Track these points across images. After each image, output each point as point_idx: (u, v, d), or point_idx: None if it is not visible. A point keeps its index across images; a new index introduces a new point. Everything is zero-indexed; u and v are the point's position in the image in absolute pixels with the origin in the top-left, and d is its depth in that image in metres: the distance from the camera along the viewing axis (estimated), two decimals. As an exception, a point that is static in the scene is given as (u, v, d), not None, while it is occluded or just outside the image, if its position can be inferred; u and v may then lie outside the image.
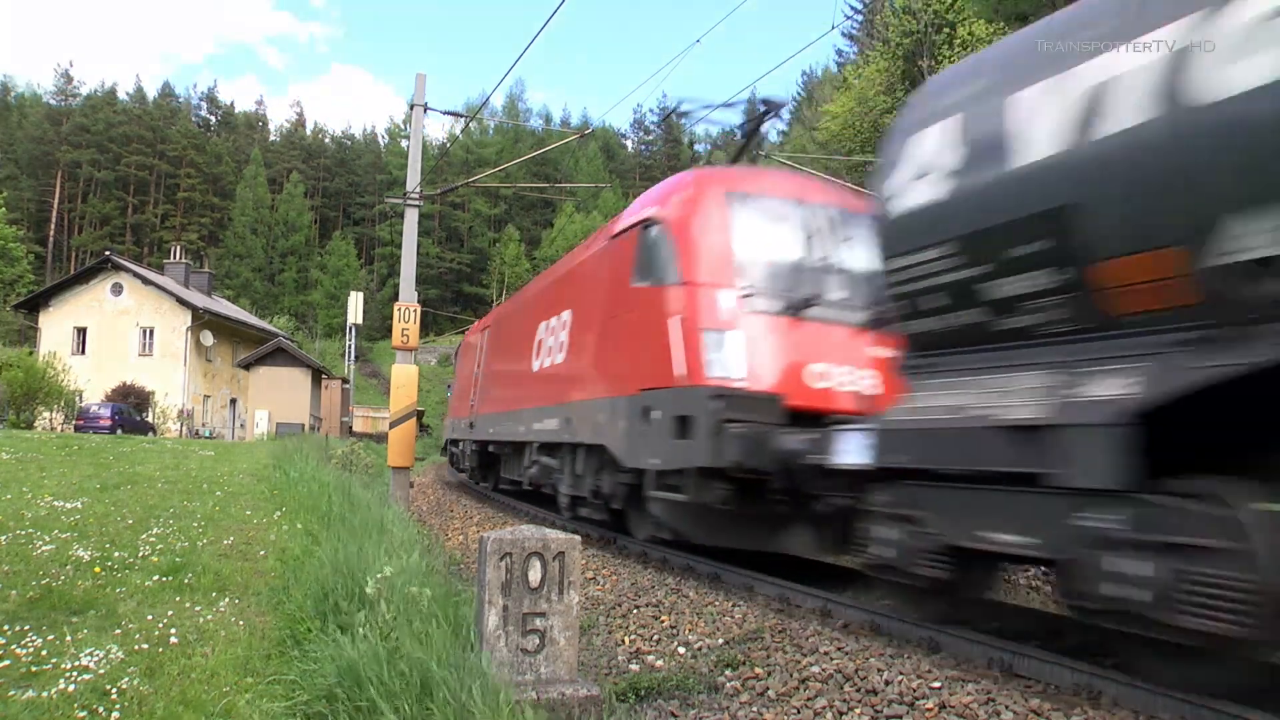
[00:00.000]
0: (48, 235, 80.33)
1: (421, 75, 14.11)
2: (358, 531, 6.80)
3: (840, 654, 5.02)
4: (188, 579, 5.82)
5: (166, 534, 7.34)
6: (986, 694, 4.18)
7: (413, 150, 14.45)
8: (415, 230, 13.89)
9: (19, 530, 6.89)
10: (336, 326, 71.29)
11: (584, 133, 45.13)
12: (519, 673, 3.88)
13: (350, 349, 48.77)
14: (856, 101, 28.16)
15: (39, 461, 12.63)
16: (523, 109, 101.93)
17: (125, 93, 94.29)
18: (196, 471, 13.16)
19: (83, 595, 5.17)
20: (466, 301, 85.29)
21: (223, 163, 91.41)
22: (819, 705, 4.44)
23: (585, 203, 79.61)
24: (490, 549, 3.95)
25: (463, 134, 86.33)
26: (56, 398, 30.56)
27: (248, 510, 9.23)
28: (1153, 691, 3.99)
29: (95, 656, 4.07)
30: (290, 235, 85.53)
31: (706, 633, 5.88)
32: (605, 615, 6.75)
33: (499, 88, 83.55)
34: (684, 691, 4.90)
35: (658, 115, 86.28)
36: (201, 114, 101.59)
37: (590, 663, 5.52)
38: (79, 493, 9.45)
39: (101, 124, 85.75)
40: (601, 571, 8.32)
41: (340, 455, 18.83)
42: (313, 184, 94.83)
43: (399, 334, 13.18)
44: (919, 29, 26.23)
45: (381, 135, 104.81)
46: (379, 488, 13.21)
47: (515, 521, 12.78)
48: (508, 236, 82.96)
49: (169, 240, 72.25)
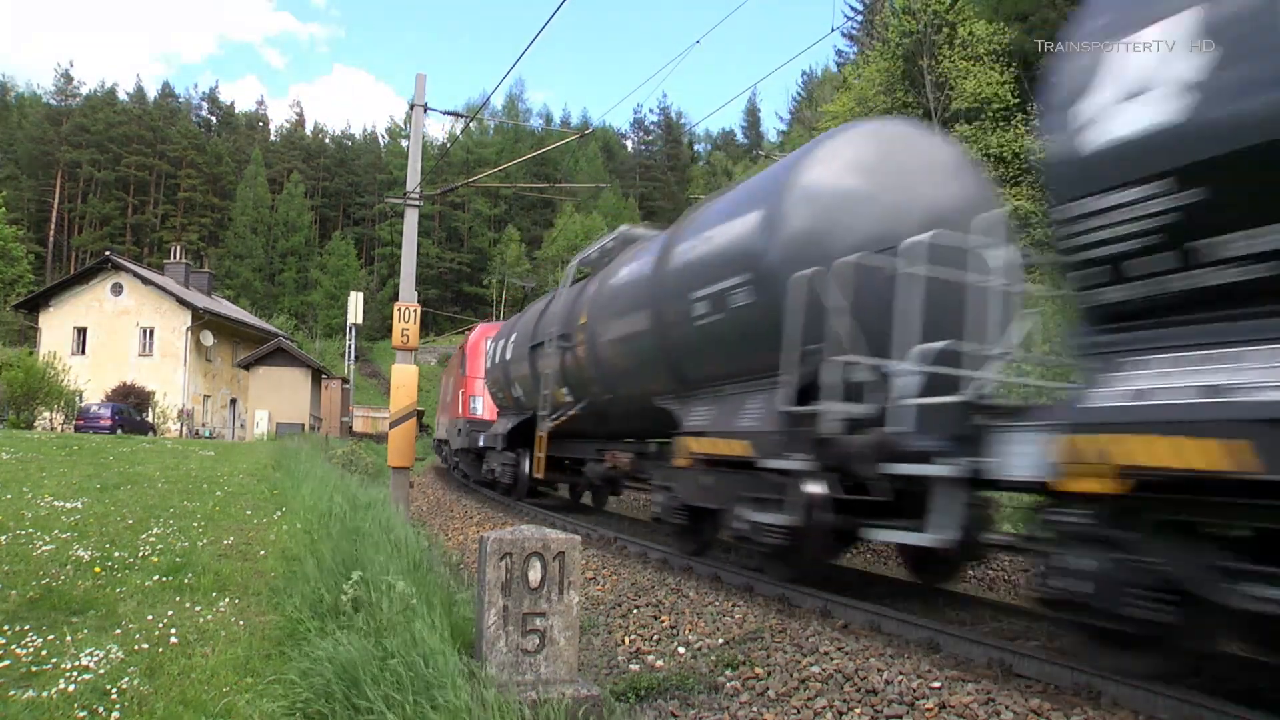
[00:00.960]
0: (48, 235, 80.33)
1: (421, 75, 14.11)
2: (357, 531, 6.80)
3: (840, 654, 5.02)
4: (188, 579, 5.82)
5: (166, 534, 7.34)
6: (986, 694, 4.18)
7: (413, 150, 14.45)
8: (415, 230, 13.89)
9: (19, 530, 6.89)
10: (336, 326, 71.29)
11: (584, 133, 45.16)
12: (519, 673, 3.88)
13: (350, 349, 48.75)
14: (856, 101, 28.11)
15: (39, 461, 12.63)
16: (523, 109, 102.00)
17: (125, 93, 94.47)
18: (196, 471, 13.17)
19: (83, 595, 5.17)
20: (466, 301, 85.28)
21: (223, 163, 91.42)
22: (819, 705, 4.44)
23: (585, 203, 79.60)
24: (490, 549, 3.95)
25: (463, 134, 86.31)
26: (56, 398, 30.55)
27: (248, 510, 9.24)
28: (1153, 691, 3.98)
29: (95, 656, 4.07)
30: (290, 235, 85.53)
31: (706, 633, 5.88)
32: (605, 615, 6.75)
33: (499, 88, 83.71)
34: (684, 691, 4.90)
35: (658, 115, 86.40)
36: (202, 114, 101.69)
37: (590, 663, 5.52)
38: (79, 493, 9.46)
39: (101, 124, 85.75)
40: (601, 571, 8.32)
41: (340, 455, 18.84)
42: (313, 184, 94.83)
43: (399, 334, 13.17)
44: (919, 29, 26.20)
45: (381, 135, 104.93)
46: (379, 488, 13.21)
47: (515, 521, 12.77)
48: (508, 237, 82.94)
49: (169, 240, 72.23)
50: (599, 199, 77.66)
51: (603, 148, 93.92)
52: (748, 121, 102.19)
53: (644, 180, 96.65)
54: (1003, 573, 8.64)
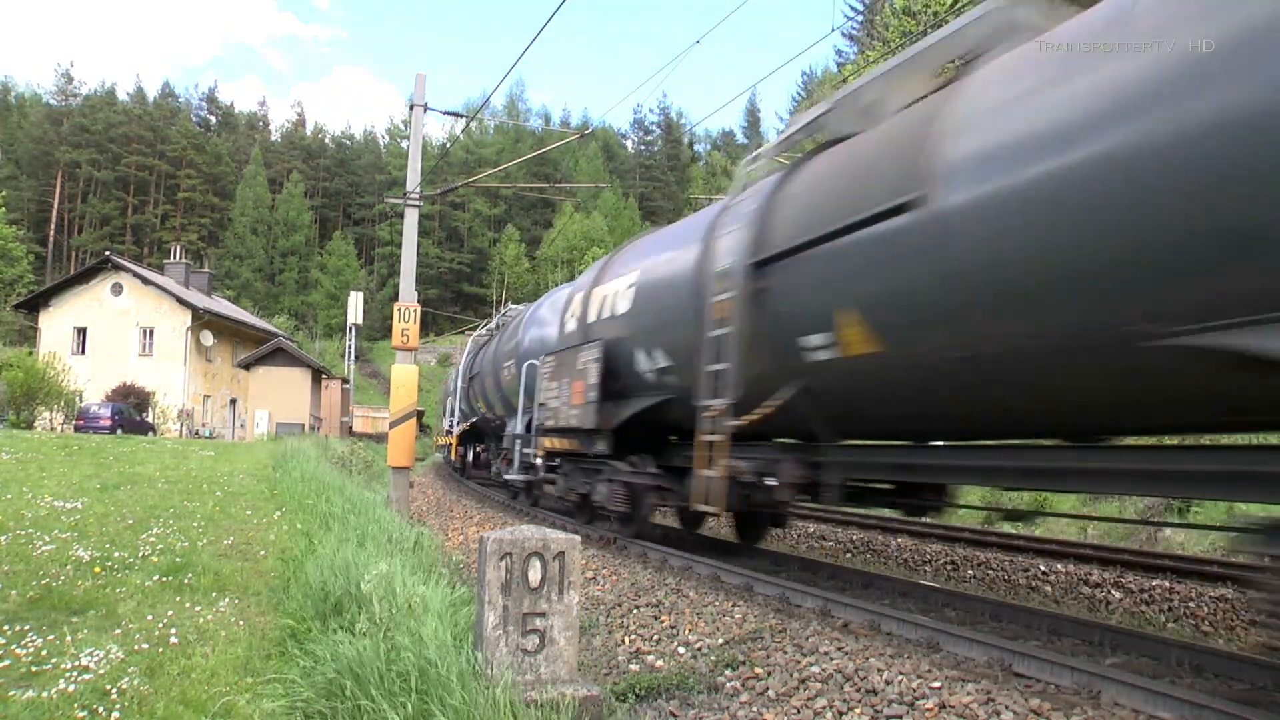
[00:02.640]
0: (48, 235, 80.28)
1: (421, 75, 14.11)
2: (357, 531, 6.80)
3: (840, 654, 5.02)
4: (188, 579, 5.82)
5: (166, 534, 7.34)
6: (986, 694, 4.18)
7: (413, 150, 14.44)
8: (415, 230, 13.88)
9: (19, 530, 6.89)
10: (336, 326, 71.29)
11: (584, 133, 45.17)
12: (519, 673, 3.88)
13: (350, 349, 48.76)
14: (856, 101, 28.08)
15: (39, 461, 12.63)
16: (523, 109, 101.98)
17: (125, 93, 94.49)
18: (196, 471, 13.16)
19: (83, 595, 5.17)
20: (466, 301, 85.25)
21: (223, 163, 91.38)
22: (819, 705, 4.44)
23: (585, 203, 79.57)
24: (490, 549, 3.95)
25: (463, 134, 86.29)
26: (56, 398, 30.52)
27: (248, 510, 9.23)
28: (1153, 691, 3.99)
29: (95, 656, 4.06)
30: (290, 235, 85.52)
31: (706, 633, 5.88)
32: (605, 615, 6.75)
33: (499, 88, 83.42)
34: (684, 691, 4.90)
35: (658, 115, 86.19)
36: (202, 114, 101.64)
37: (590, 663, 5.52)
38: (79, 493, 9.45)
39: (101, 124, 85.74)
40: (601, 571, 8.32)
41: (340, 455, 18.83)
42: (313, 184, 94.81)
43: (399, 334, 13.16)
44: (919, 29, 26.20)
45: (382, 135, 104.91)
46: (379, 488, 13.21)
47: (515, 521, 12.76)
48: (508, 237, 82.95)
49: (169, 240, 72.18)
50: (599, 199, 77.63)
51: (603, 148, 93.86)
52: (748, 121, 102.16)
53: (644, 180, 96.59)
54: (1003, 573, 8.65)
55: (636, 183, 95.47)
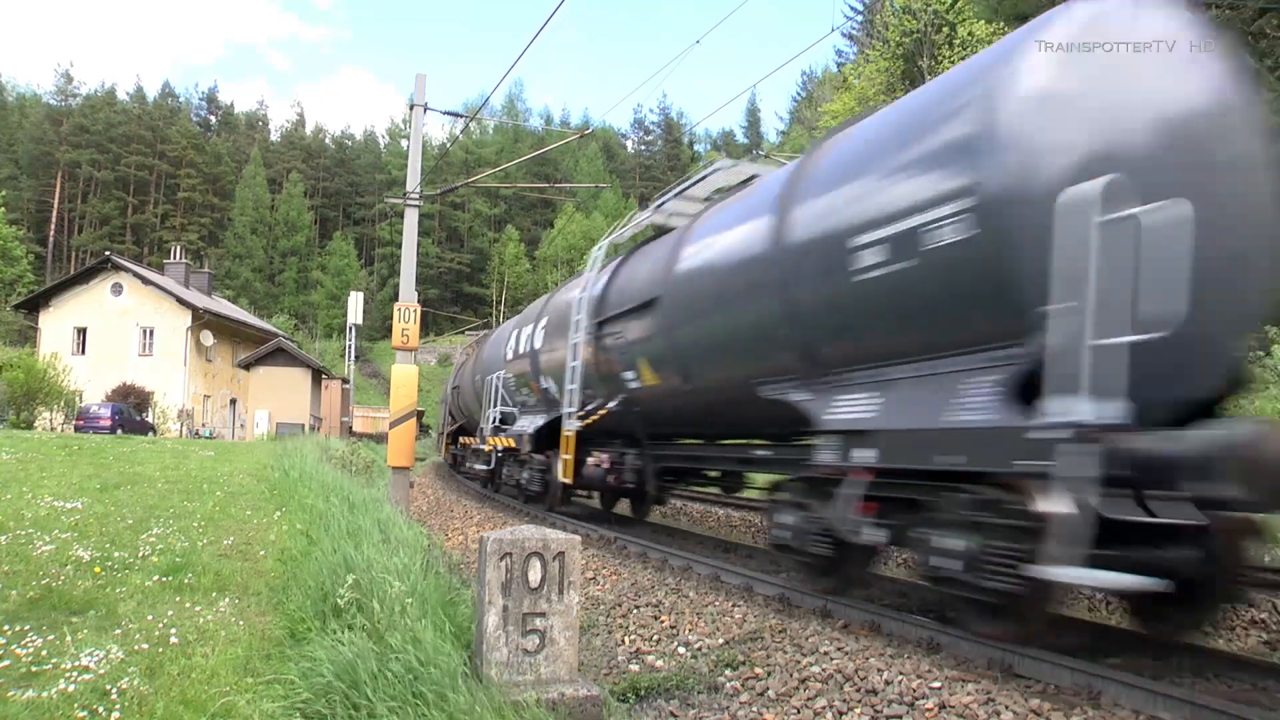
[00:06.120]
0: (48, 235, 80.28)
1: (421, 75, 14.12)
2: (357, 531, 6.80)
3: (840, 654, 5.02)
4: (188, 579, 5.81)
5: (166, 534, 7.33)
6: (986, 694, 4.18)
7: (413, 150, 14.44)
8: (415, 230, 13.89)
9: (19, 530, 6.89)
10: (336, 326, 71.30)
11: (584, 133, 45.20)
12: (519, 673, 3.88)
13: (350, 349, 48.76)
14: (856, 101, 28.14)
15: (39, 461, 12.62)
16: (522, 109, 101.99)
17: (125, 93, 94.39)
18: (196, 471, 13.15)
19: (83, 595, 5.16)
20: (466, 301, 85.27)
21: (223, 163, 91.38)
22: (819, 705, 4.44)
23: (585, 203, 79.59)
24: (490, 549, 3.95)
25: (463, 134, 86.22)
26: (56, 398, 30.50)
27: (248, 510, 9.23)
28: (1153, 691, 3.99)
29: (95, 656, 4.06)
30: (290, 235, 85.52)
31: (706, 633, 5.88)
32: (605, 615, 6.75)
33: (499, 88, 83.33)
34: (684, 691, 4.90)
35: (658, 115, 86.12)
36: (202, 114, 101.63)
37: (590, 663, 5.52)
38: (79, 493, 9.45)
39: (101, 124, 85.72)
40: (601, 571, 8.32)
41: (340, 455, 18.83)
42: (313, 184, 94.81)
43: (399, 334, 13.17)
44: (919, 29, 26.23)
45: (382, 135, 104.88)
46: (379, 488, 13.20)
47: (515, 521, 12.76)
48: (508, 236, 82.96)
49: (169, 240, 72.16)
50: (599, 199, 77.64)
51: (603, 148, 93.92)
52: (748, 121, 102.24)
53: (644, 180, 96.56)
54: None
55: (636, 183, 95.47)
